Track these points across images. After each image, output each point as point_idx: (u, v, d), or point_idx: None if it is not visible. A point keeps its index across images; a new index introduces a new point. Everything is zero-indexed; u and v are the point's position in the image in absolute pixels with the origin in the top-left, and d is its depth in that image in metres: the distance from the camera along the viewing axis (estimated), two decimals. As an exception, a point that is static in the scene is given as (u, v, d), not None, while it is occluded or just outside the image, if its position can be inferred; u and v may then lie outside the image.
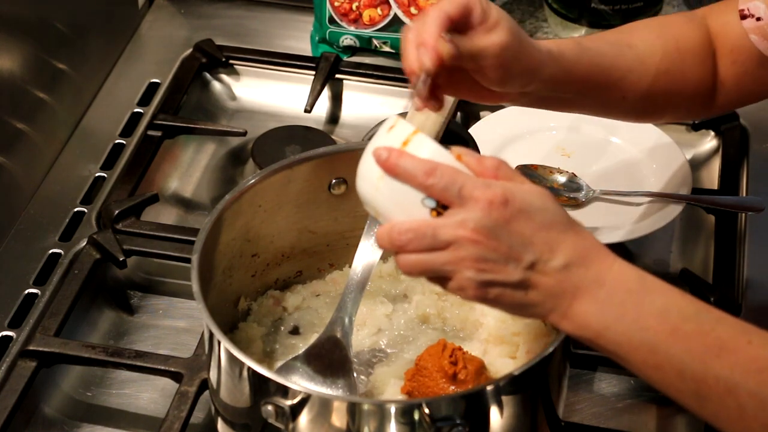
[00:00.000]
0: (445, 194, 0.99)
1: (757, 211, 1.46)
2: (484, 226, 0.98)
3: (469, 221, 0.98)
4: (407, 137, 1.03)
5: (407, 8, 1.68)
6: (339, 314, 1.19)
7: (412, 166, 1.00)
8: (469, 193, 0.98)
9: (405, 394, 1.17)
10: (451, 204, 0.99)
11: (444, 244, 0.99)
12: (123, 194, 1.49)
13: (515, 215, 0.99)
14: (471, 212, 0.98)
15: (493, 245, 0.98)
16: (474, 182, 0.99)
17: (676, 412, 1.31)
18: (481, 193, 0.98)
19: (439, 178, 0.99)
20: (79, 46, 1.63)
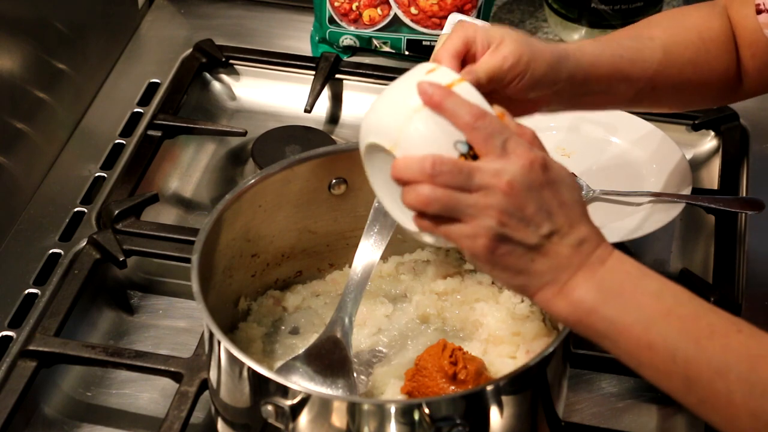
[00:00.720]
0: (488, 141, 0.99)
1: (757, 211, 1.46)
2: (520, 182, 0.98)
3: (507, 173, 0.98)
4: (452, 81, 1.02)
5: (407, 8, 1.68)
6: (339, 314, 1.19)
7: (462, 105, 0.99)
8: (513, 147, 0.99)
9: (405, 394, 1.17)
10: (489, 154, 0.99)
11: (476, 187, 0.98)
12: (123, 194, 1.49)
13: (549, 183, 0.99)
14: (511, 165, 0.98)
15: (522, 203, 0.98)
16: (517, 140, 1.00)
17: (676, 412, 1.31)
18: (524, 150, 0.99)
19: (488, 124, 0.99)
20: (79, 46, 1.63)
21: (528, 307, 1.27)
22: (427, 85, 1.00)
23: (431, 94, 1.00)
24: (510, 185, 0.98)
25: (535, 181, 0.99)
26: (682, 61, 1.24)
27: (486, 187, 0.98)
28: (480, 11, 1.68)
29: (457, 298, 1.29)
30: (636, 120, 1.56)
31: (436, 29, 1.68)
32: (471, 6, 1.67)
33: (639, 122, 1.56)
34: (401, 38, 1.71)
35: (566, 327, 1.10)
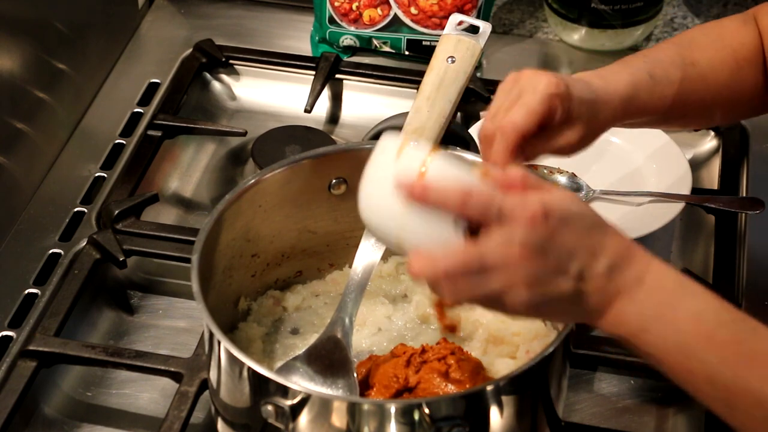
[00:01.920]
0: (484, 216, 0.96)
1: (757, 211, 1.46)
2: (530, 244, 0.96)
3: (515, 241, 0.96)
4: (423, 161, 0.99)
5: (407, 8, 1.68)
6: (339, 314, 1.19)
7: (444, 195, 0.97)
8: (508, 212, 0.96)
9: None
10: (489, 224, 0.97)
11: (492, 267, 0.96)
12: (123, 194, 1.49)
13: (558, 227, 0.97)
14: (515, 231, 0.96)
15: (542, 261, 0.96)
16: (510, 201, 0.96)
17: (676, 412, 1.31)
18: (520, 210, 0.96)
19: (476, 202, 0.96)
20: (79, 46, 1.63)
21: (528, 307, 1.27)
22: (403, 182, 0.98)
23: (411, 192, 0.98)
24: (523, 250, 0.96)
25: (543, 234, 0.96)
26: (717, 86, 1.24)
27: (502, 263, 0.96)
28: (480, 11, 1.68)
29: (457, 298, 1.29)
30: (636, 120, 1.56)
31: (436, 29, 1.68)
32: (471, 6, 1.67)
33: (639, 122, 1.56)
34: (401, 38, 1.71)
35: (566, 327, 1.10)
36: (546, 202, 0.97)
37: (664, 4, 1.76)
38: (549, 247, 0.96)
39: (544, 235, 0.96)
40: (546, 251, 0.96)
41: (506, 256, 0.96)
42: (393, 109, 1.59)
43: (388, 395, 1.15)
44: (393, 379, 1.16)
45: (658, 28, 1.77)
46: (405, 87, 1.67)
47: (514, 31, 1.78)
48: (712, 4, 1.81)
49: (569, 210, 0.98)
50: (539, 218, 0.96)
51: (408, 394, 1.16)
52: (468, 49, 1.25)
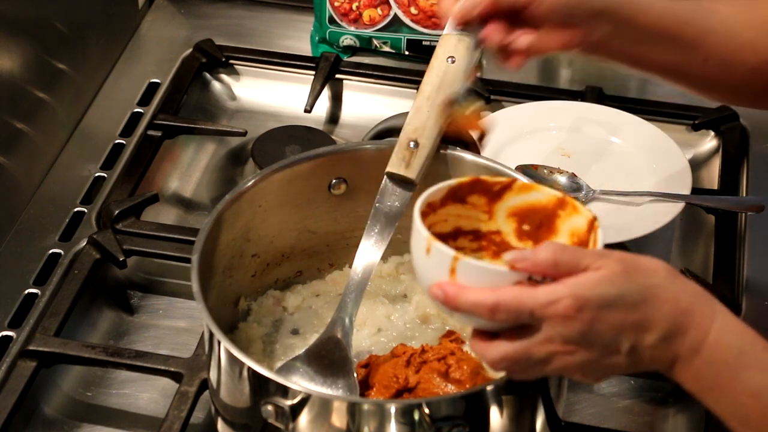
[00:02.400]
0: (518, 322, 0.97)
1: (757, 211, 1.46)
2: (571, 338, 0.96)
3: (555, 338, 0.96)
4: (451, 265, 1.00)
5: (407, 8, 1.68)
6: (339, 314, 1.19)
7: (474, 305, 0.98)
8: (540, 314, 0.95)
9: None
10: None
11: (542, 361, 0.97)
12: (123, 194, 1.49)
13: (596, 316, 0.95)
14: (552, 329, 0.96)
15: (587, 350, 0.96)
16: (540, 302, 0.95)
17: (676, 412, 1.31)
18: (552, 311, 0.95)
19: (506, 313, 0.96)
20: (79, 46, 1.63)
21: (528, 307, 1.27)
22: (435, 290, 1.00)
23: (443, 301, 0.99)
24: (566, 344, 0.96)
25: (581, 327, 0.95)
26: (740, 40, 1.20)
27: (549, 357, 0.97)
28: (480, 11, 1.68)
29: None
30: (636, 120, 1.56)
31: (436, 29, 1.68)
32: (471, 6, 1.67)
33: (639, 122, 1.56)
34: (401, 38, 1.71)
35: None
36: (578, 296, 0.95)
37: (664, 4, 1.76)
38: (591, 337, 0.96)
39: (582, 329, 0.95)
40: (589, 341, 0.96)
41: (551, 351, 0.97)
42: (393, 109, 1.59)
43: (388, 395, 1.15)
44: (393, 379, 1.16)
45: (658, 28, 1.77)
46: (405, 87, 1.67)
47: (514, 31, 1.78)
48: (712, 4, 1.81)
49: (605, 295, 0.96)
50: (573, 315, 0.95)
51: (408, 394, 1.15)
52: (468, 49, 1.25)
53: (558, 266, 0.96)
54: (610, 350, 0.97)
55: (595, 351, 0.96)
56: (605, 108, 1.58)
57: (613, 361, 0.97)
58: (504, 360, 0.99)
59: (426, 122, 1.21)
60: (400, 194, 1.21)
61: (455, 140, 1.27)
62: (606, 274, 0.96)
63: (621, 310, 0.96)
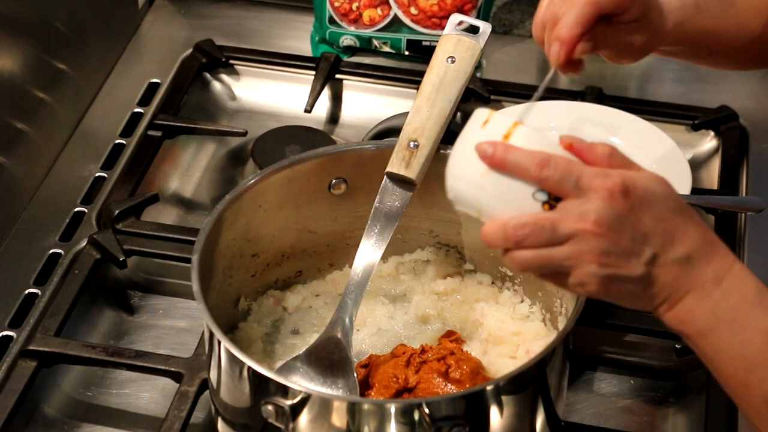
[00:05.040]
0: (561, 186, 0.94)
1: (757, 211, 1.46)
2: (606, 218, 0.93)
3: (591, 213, 0.93)
4: (508, 130, 0.98)
5: (407, 8, 1.68)
6: (339, 314, 1.19)
7: (524, 158, 0.95)
8: (587, 183, 0.94)
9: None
10: (567, 196, 0.95)
11: (564, 237, 0.94)
12: (123, 194, 1.49)
13: (636, 205, 0.94)
14: (591, 203, 0.94)
15: (615, 238, 0.94)
16: (591, 172, 0.95)
17: (676, 412, 1.31)
18: (600, 182, 0.94)
19: (554, 169, 0.94)
20: (79, 46, 1.63)
21: (528, 307, 1.27)
22: (484, 146, 0.97)
23: (491, 156, 0.96)
24: (597, 224, 0.93)
25: (621, 210, 0.94)
26: (755, 30, 1.24)
27: (575, 234, 0.94)
28: (480, 11, 1.68)
29: (457, 298, 1.29)
30: (636, 120, 1.56)
31: (436, 29, 1.69)
32: (471, 6, 1.67)
33: (639, 122, 1.56)
34: (401, 38, 1.71)
35: (566, 327, 1.10)
36: (628, 178, 0.95)
37: (664, 4, 1.76)
38: (624, 225, 0.94)
39: (620, 212, 0.94)
40: (621, 229, 0.94)
41: (578, 228, 0.94)
42: (393, 109, 1.59)
43: (388, 395, 1.15)
44: (393, 379, 1.16)
45: (658, 28, 1.77)
46: (405, 87, 1.67)
47: (514, 31, 1.78)
48: (712, 4, 1.81)
49: (652, 190, 0.96)
50: (618, 193, 0.94)
51: (408, 394, 1.16)
52: (468, 49, 1.25)
53: (612, 158, 0.97)
54: (634, 249, 0.94)
55: (622, 243, 0.94)
56: (605, 108, 1.58)
57: (630, 264, 0.94)
58: (527, 225, 0.94)
59: (426, 122, 1.22)
60: (400, 194, 1.21)
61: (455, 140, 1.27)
62: (655, 176, 0.97)
63: (659, 212, 0.95)
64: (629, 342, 1.36)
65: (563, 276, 0.96)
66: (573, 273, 0.95)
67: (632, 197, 0.94)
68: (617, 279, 0.95)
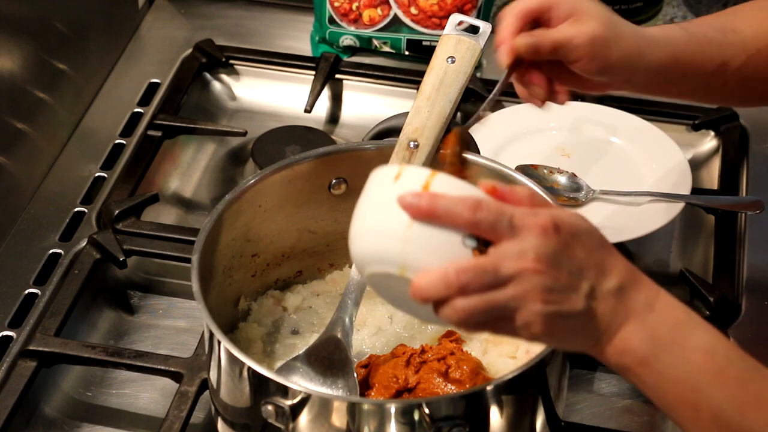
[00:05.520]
0: (495, 228, 0.93)
1: (757, 211, 1.46)
2: (544, 254, 0.92)
3: (529, 251, 0.92)
4: (427, 180, 0.95)
5: (407, 8, 1.68)
6: (339, 314, 1.19)
7: (454, 204, 0.93)
8: (520, 222, 0.93)
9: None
10: (501, 238, 0.93)
11: (507, 278, 0.92)
12: (123, 194, 1.49)
13: (569, 240, 0.94)
14: (528, 241, 0.92)
15: (555, 274, 0.93)
16: (521, 211, 0.94)
17: (676, 412, 1.31)
18: (532, 221, 0.93)
19: (487, 212, 0.92)
20: (79, 46, 1.63)
21: (528, 307, 1.27)
22: (408, 197, 0.93)
23: (417, 206, 0.93)
24: (537, 261, 0.92)
25: (556, 246, 0.93)
26: (759, 58, 1.21)
27: (517, 273, 0.92)
28: (480, 11, 1.68)
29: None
30: (636, 120, 1.56)
31: (436, 29, 1.69)
32: (471, 6, 1.67)
33: (639, 122, 1.56)
34: (401, 38, 1.71)
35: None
36: (556, 216, 0.94)
37: (664, 4, 1.76)
38: (561, 261, 0.93)
39: (556, 246, 0.93)
40: (559, 264, 0.93)
41: (521, 266, 0.92)
42: (393, 109, 1.59)
43: (388, 395, 1.15)
44: (393, 379, 1.16)
45: (658, 28, 1.77)
46: (405, 87, 1.67)
47: (514, 31, 1.78)
48: (712, 4, 1.81)
49: (579, 226, 0.96)
50: (550, 229, 0.93)
51: (408, 394, 1.16)
52: (468, 49, 1.25)
53: (533, 198, 0.97)
54: (572, 284, 0.94)
55: (561, 278, 0.93)
56: (605, 108, 1.58)
57: (572, 299, 0.94)
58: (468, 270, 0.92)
59: (426, 122, 1.22)
60: (400, 194, 1.21)
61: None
62: (576, 214, 0.97)
63: (588, 246, 0.95)
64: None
65: (506, 321, 0.94)
66: (518, 315, 0.93)
67: (563, 232, 0.94)
68: (561, 316, 0.94)
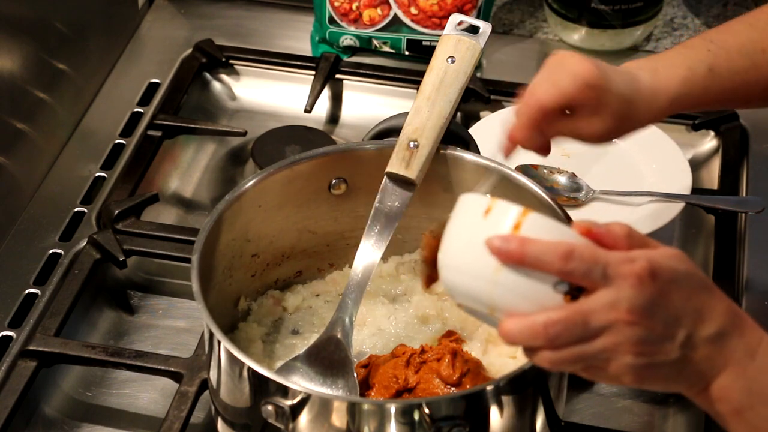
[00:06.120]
0: (588, 277, 0.90)
1: (757, 211, 1.46)
2: (638, 306, 0.89)
3: (622, 302, 0.89)
4: (518, 220, 0.92)
5: (407, 8, 1.68)
6: (339, 314, 1.19)
7: (544, 251, 0.90)
8: (614, 271, 0.89)
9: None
10: (594, 286, 0.90)
11: (598, 330, 0.90)
12: (123, 194, 1.49)
13: (665, 288, 0.90)
14: (621, 292, 0.89)
15: (650, 325, 0.90)
16: (616, 258, 0.90)
17: (676, 412, 1.31)
18: (628, 269, 0.90)
19: (579, 261, 0.89)
20: (79, 46, 1.63)
21: (528, 307, 1.27)
22: (497, 242, 0.91)
23: (507, 252, 0.90)
24: (630, 312, 0.89)
25: (651, 295, 0.90)
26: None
27: (608, 326, 0.89)
28: (480, 11, 1.68)
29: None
30: (636, 120, 1.56)
31: (436, 29, 1.68)
32: (471, 6, 1.67)
33: (639, 122, 1.56)
34: (401, 38, 1.71)
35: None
36: (653, 261, 0.90)
37: (664, 4, 1.76)
38: (656, 311, 0.90)
39: (651, 297, 0.90)
40: (653, 314, 0.90)
41: (612, 318, 0.89)
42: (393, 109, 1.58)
43: (388, 395, 1.15)
44: (393, 379, 1.16)
45: (658, 28, 1.77)
46: (405, 87, 1.67)
47: (514, 31, 1.78)
48: (712, 4, 1.81)
49: (677, 270, 0.92)
50: (646, 278, 0.90)
51: (408, 394, 1.16)
52: (468, 49, 1.25)
53: (631, 239, 0.93)
54: (668, 334, 0.91)
55: (655, 328, 0.90)
56: (605, 108, 1.58)
57: (666, 349, 0.91)
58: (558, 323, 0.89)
59: (426, 122, 1.22)
60: (400, 194, 1.21)
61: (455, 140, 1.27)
62: (676, 253, 0.93)
63: (686, 289, 0.91)
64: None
65: (597, 369, 0.92)
66: (609, 366, 0.91)
67: (660, 280, 0.90)
68: (654, 366, 0.92)
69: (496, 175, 1.22)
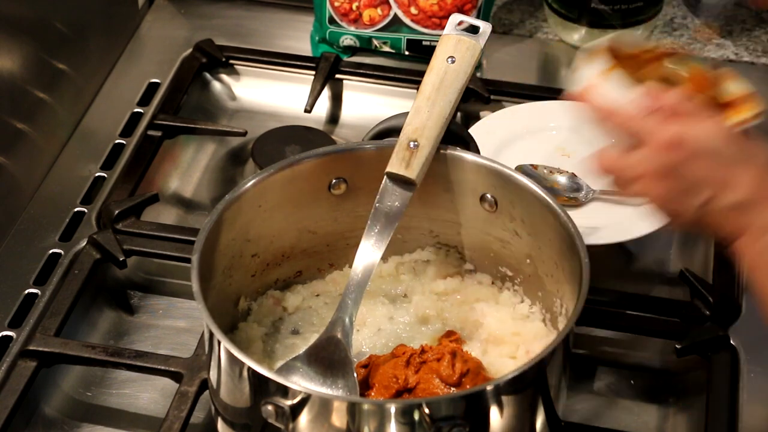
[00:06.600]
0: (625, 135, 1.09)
1: (757, 210, 1.46)
2: (658, 167, 1.06)
3: (645, 161, 1.07)
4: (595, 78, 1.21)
5: (407, 8, 1.68)
6: (339, 314, 1.19)
7: (593, 108, 1.11)
8: (642, 136, 1.07)
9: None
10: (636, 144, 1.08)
11: (632, 179, 1.09)
12: (123, 194, 1.49)
13: (688, 157, 1.05)
14: (647, 152, 1.06)
15: (671, 183, 1.06)
16: (648, 125, 1.07)
17: (676, 412, 1.31)
18: (655, 136, 1.06)
19: (616, 121, 1.09)
20: (79, 46, 1.63)
21: (528, 308, 1.27)
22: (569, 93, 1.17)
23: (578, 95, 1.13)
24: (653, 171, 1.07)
25: (673, 160, 1.05)
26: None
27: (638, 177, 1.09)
28: (480, 11, 1.68)
29: (457, 298, 1.29)
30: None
31: (436, 29, 1.68)
32: (471, 6, 1.67)
33: (639, 122, 1.56)
34: (401, 38, 1.71)
35: (566, 327, 1.10)
36: (683, 133, 1.05)
37: (664, 4, 1.76)
38: (677, 173, 1.05)
39: (672, 162, 1.05)
40: (674, 176, 1.05)
41: (638, 173, 1.08)
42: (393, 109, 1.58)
43: (388, 395, 1.15)
44: (393, 379, 1.16)
45: (658, 28, 1.77)
46: (405, 87, 1.67)
47: (514, 31, 1.78)
48: (712, 4, 1.81)
49: (707, 144, 1.05)
50: (670, 146, 1.05)
51: (408, 394, 1.16)
52: (468, 49, 1.25)
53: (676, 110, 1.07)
54: (690, 191, 1.05)
55: (678, 186, 1.05)
56: (605, 108, 1.58)
57: (689, 201, 1.06)
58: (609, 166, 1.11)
59: (426, 122, 1.22)
60: (400, 194, 1.21)
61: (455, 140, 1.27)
62: (714, 128, 1.07)
63: (713, 162, 1.05)
64: (629, 342, 1.36)
65: None
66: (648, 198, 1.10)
67: (683, 150, 1.05)
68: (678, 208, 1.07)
69: (496, 175, 1.23)
